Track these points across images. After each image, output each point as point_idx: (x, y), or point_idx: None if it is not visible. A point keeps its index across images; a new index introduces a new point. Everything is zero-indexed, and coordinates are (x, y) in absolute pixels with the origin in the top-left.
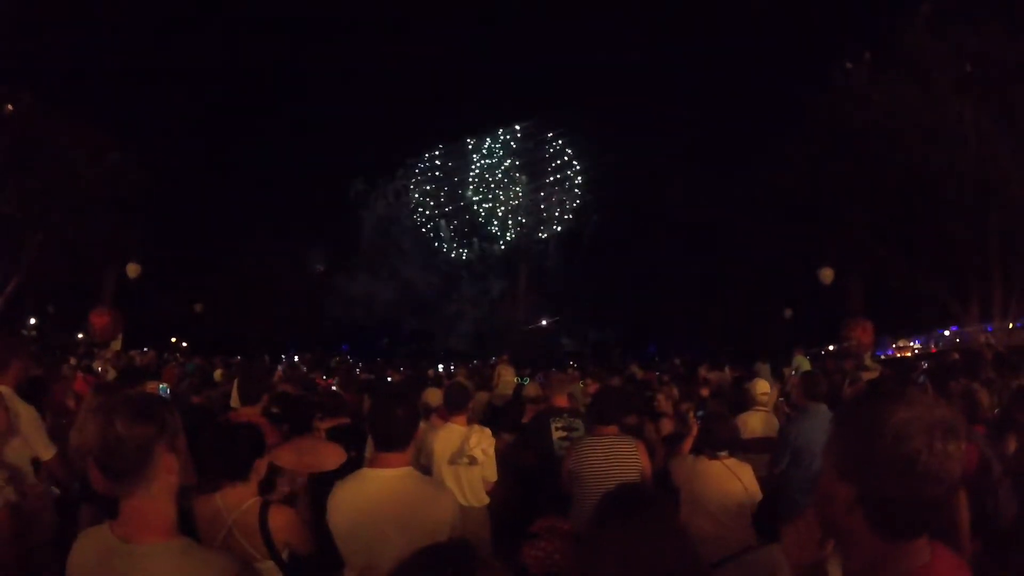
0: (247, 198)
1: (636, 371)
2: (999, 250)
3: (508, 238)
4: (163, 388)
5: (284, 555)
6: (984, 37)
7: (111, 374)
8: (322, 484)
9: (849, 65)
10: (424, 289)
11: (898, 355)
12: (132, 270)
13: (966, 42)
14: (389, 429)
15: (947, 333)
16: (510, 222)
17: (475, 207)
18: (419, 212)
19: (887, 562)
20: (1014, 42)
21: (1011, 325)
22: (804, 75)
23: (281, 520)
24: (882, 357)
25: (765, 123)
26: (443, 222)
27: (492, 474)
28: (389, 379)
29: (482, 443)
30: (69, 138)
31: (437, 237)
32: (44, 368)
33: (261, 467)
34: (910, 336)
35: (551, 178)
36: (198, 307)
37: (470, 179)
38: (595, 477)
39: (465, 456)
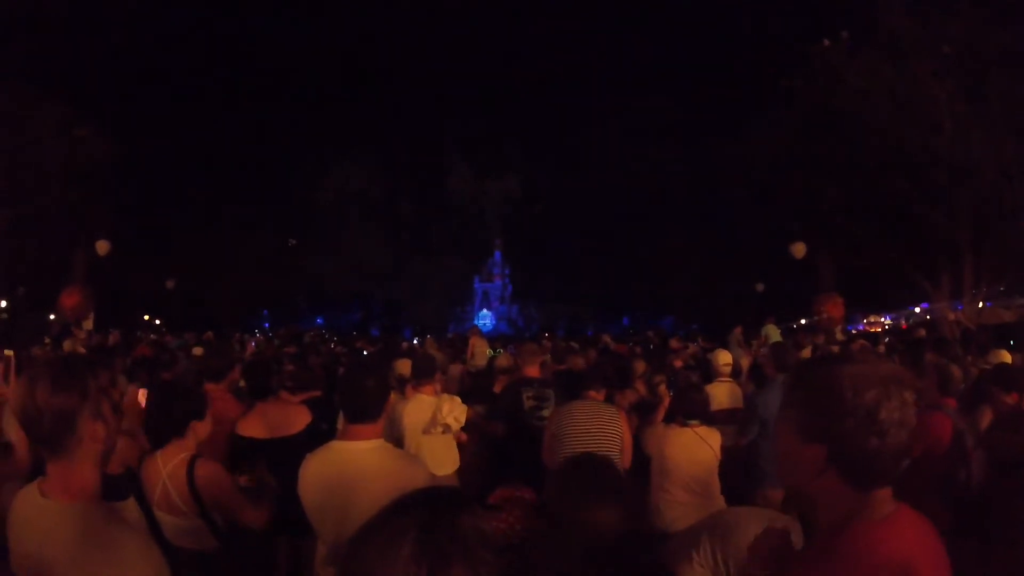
0: (217, 172)
1: (609, 343)
2: (970, 230)
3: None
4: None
5: (217, 517)
6: (964, 22)
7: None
8: (286, 454)
9: (827, 43)
10: (387, 265)
11: (869, 330)
12: (101, 247)
13: (946, 26)
14: (359, 400)
15: (917, 310)
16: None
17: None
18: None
19: (859, 511)
20: (993, 29)
21: (980, 304)
22: (781, 52)
23: (207, 475)
24: (853, 332)
25: (740, 99)
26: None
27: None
28: (365, 352)
29: (454, 411)
30: (34, 111)
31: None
32: (16, 350)
33: (199, 429)
34: (881, 312)
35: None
36: (170, 283)
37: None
38: (577, 438)
39: (439, 425)
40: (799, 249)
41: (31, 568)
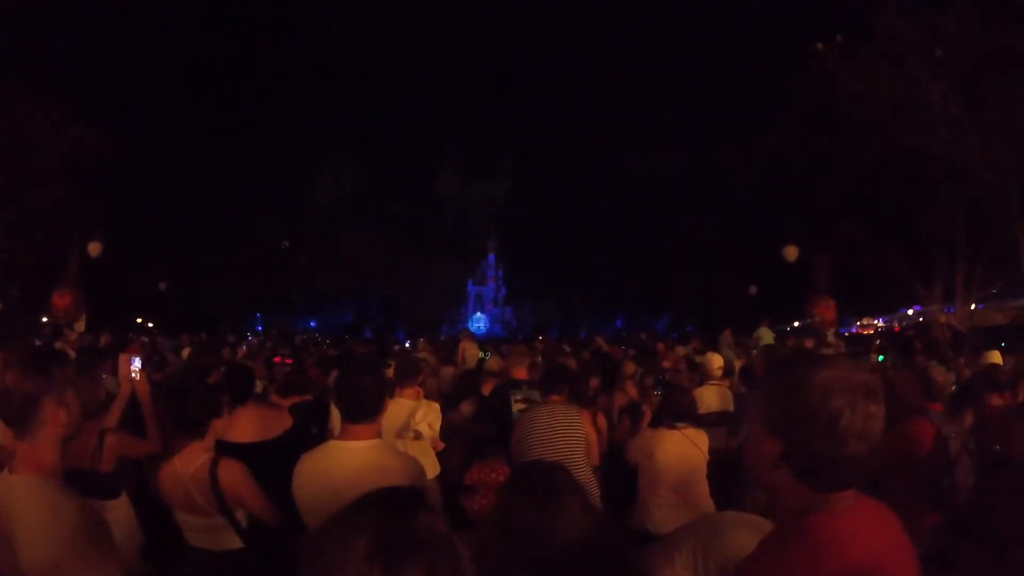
0: (211, 174)
1: (601, 344)
2: (965, 233)
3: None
4: (136, 360)
5: (239, 515)
6: (959, 22)
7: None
8: (265, 458)
9: (821, 46)
10: (381, 267)
11: (862, 332)
12: (94, 248)
13: (940, 27)
14: (357, 400)
15: (910, 312)
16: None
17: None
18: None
19: (814, 507)
20: (988, 30)
21: (973, 306)
22: (776, 55)
23: (230, 475)
24: (846, 335)
25: (736, 102)
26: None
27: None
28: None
29: (428, 417)
30: (30, 111)
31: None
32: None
33: (219, 426)
34: (874, 315)
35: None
36: (163, 285)
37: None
38: (539, 443)
39: (411, 431)
40: (791, 252)
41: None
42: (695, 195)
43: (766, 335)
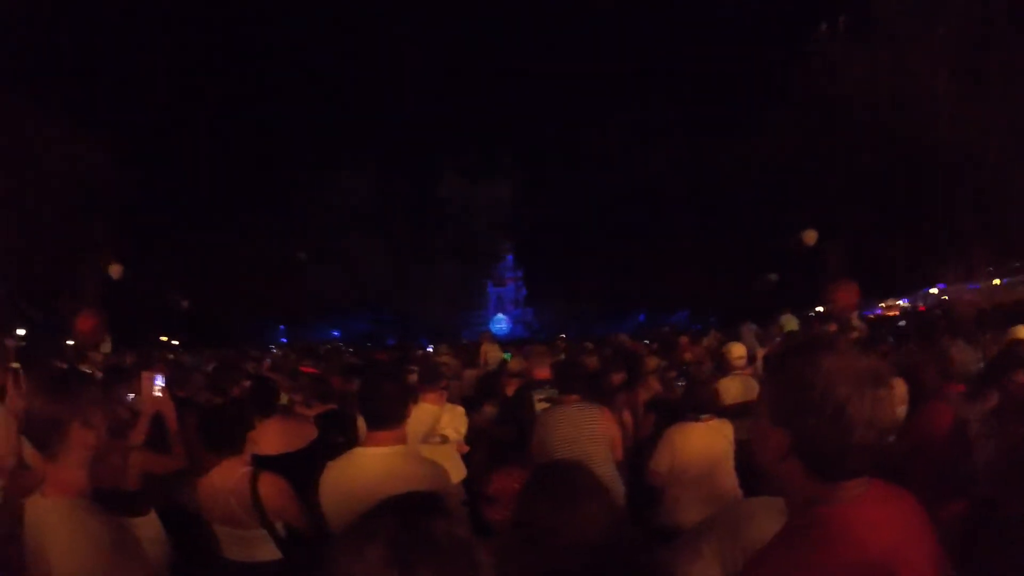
0: (217, 183)
1: (625, 340)
2: (971, 214)
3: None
4: (159, 378)
5: (279, 527)
6: (960, 6)
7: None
8: (290, 471)
9: (824, 27)
10: (389, 274)
11: (886, 314)
12: (115, 271)
13: (942, 10)
14: (380, 406)
15: (934, 291)
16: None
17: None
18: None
19: (823, 498)
20: (991, 13)
21: (996, 282)
22: (783, 41)
23: (270, 488)
24: (870, 317)
25: (748, 90)
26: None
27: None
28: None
29: (454, 422)
30: (38, 128)
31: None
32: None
33: (254, 437)
34: (898, 296)
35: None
36: (184, 303)
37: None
38: (561, 443)
39: (437, 435)
40: (810, 236)
41: (34, 561)
42: (709, 187)
43: (790, 322)
